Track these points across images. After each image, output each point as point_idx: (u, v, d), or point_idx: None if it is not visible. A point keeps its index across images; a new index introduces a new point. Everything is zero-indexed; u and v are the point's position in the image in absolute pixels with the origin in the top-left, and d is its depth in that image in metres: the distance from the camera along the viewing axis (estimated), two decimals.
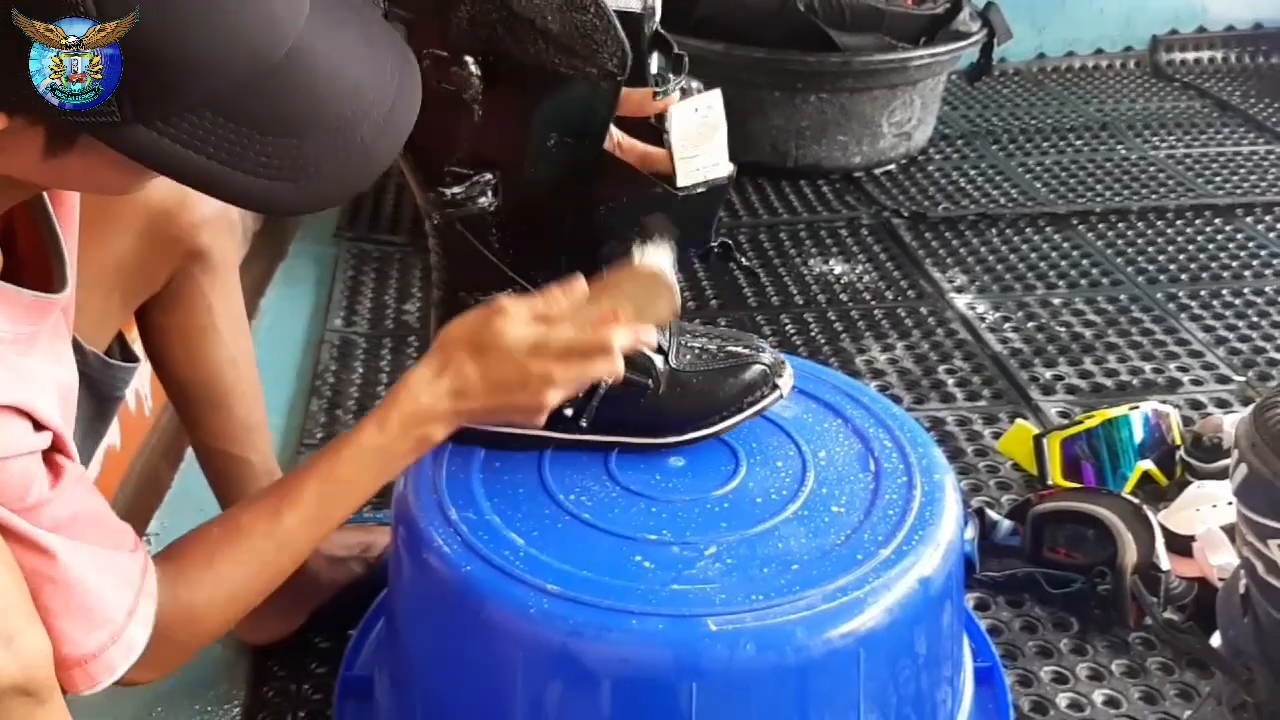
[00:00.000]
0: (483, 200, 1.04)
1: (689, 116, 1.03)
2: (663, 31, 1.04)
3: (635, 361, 1.08)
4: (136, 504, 1.61)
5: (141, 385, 1.73)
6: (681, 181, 1.04)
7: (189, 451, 1.46)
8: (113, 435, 1.63)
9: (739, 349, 1.16)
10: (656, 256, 1.01)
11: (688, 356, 1.14)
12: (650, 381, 1.11)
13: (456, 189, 1.04)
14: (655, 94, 1.03)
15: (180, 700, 1.32)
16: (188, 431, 1.34)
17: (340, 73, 0.75)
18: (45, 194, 0.90)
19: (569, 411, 1.10)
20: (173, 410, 1.34)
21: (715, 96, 1.06)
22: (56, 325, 0.89)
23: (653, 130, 1.06)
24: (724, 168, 1.07)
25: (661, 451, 1.15)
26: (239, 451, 1.31)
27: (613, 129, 1.04)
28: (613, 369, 0.99)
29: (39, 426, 0.80)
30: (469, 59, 0.97)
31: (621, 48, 0.96)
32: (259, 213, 0.75)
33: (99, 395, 1.12)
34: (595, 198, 1.05)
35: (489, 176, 1.04)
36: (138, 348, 1.24)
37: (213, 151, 0.71)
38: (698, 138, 1.04)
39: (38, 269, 0.88)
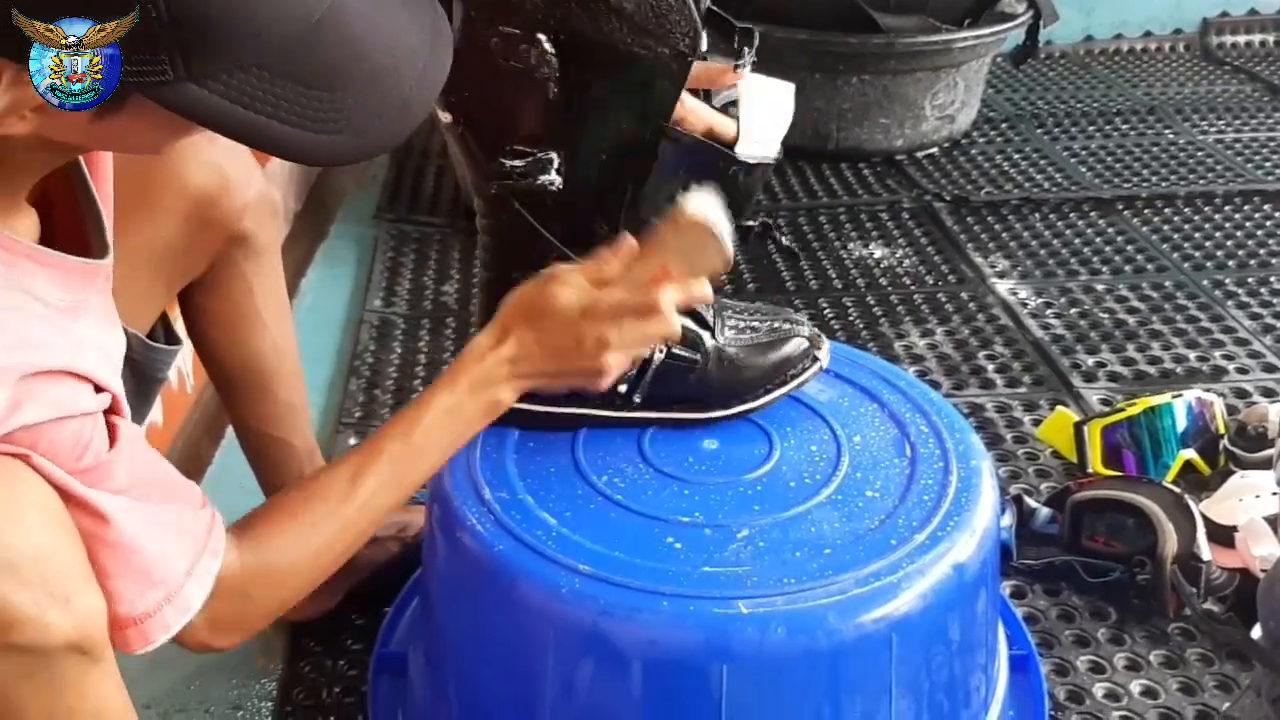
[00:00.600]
0: (544, 178, 1.04)
1: (764, 92, 1.04)
2: (717, 9, 1.04)
3: (684, 337, 1.09)
4: None
5: (184, 363, 1.74)
6: (742, 150, 1.05)
7: (230, 429, 1.48)
8: (155, 412, 1.65)
9: (779, 324, 1.17)
10: (703, 205, 0.99)
11: (731, 332, 1.15)
12: (699, 357, 1.12)
13: (517, 163, 1.04)
14: (735, 66, 1.04)
15: (217, 674, 1.33)
16: (229, 412, 1.35)
17: (377, 27, 0.76)
18: (83, 162, 0.91)
19: (623, 388, 1.11)
20: (214, 388, 1.35)
21: (790, 89, 1.07)
22: (103, 292, 0.90)
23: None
24: (776, 151, 1.08)
25: (696, 433, 1.15)
26: (280, 433, 1.32)
27: (684, 94, 1.04)
28: (668, 329, 0.99)
29: (98, 389, 0.81)
30: (542, 37, 0.97)
31: (694, 27, 0.97)
32: (303, 164, 0.76)
33: (141, 376, 1.13)
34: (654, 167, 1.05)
35: (552, 155, 1.04)
36: (180, 329, 1.25)
37: (259, 106, 0.72)
38: (766, 116, 1.04)
39: (75, 237, 0.89)
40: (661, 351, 1.10)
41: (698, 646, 0.95)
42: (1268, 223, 2.42)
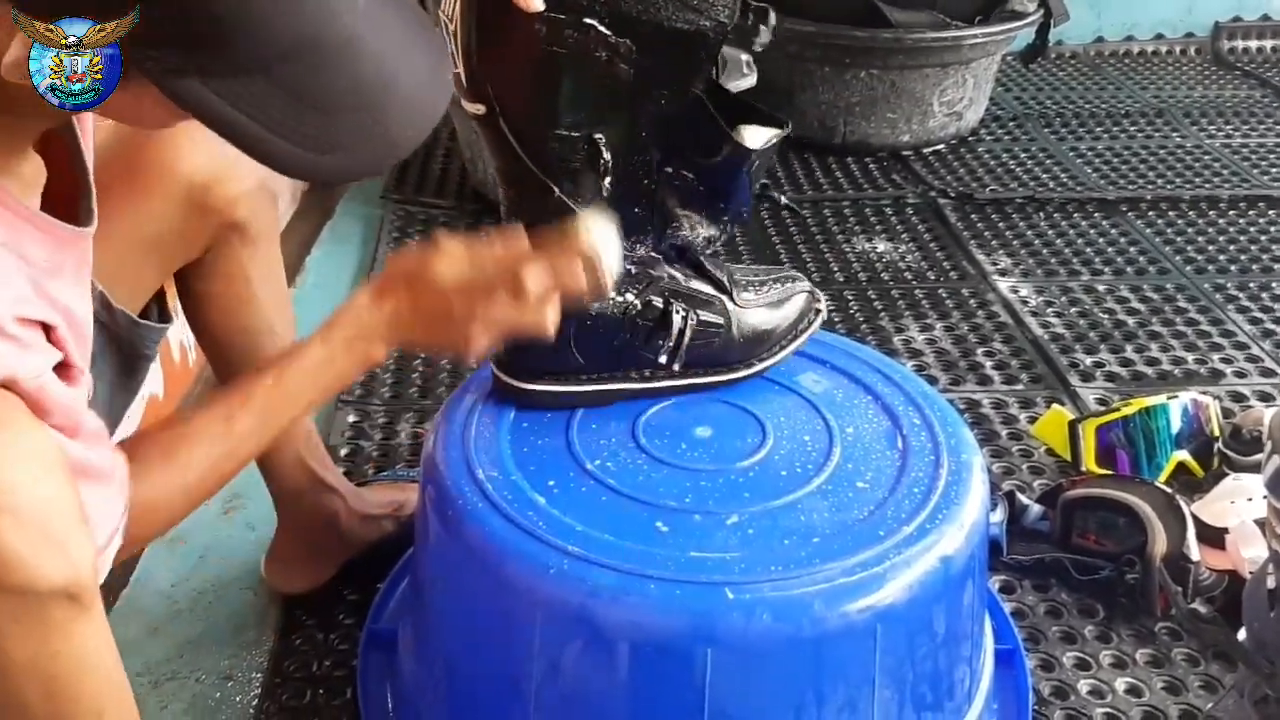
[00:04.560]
0: (594, 156, 1.05)
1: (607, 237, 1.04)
2: None
3: (711, 304, 1.15)
4: None
5: (186, 337, 1.75)
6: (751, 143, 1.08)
7: None
8: (156, 385, 1.66)
9: (783, 281, 1.23)
10: (599, 235, 1.02)
11: (747, 294, 1.18)
12: (723, 320, 1.16)
13: (567, 147, 1.05)
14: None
15: (210, 645, 1.35)
16: None
17: (382, 66, 0.78)
18: (77, 128, 0.92)
19: (663, 358, 1.15)
20: (213, 372, 1.36)
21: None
22: (81, 259, 0.91)
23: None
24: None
25: (690, 420, 1.15)
26: None
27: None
28: (539, 324, 1.02)
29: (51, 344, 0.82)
30: (592, 21, 0.98)
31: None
32: (283, 174, 0.78)
33: (127, 353, 1.13)
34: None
35: (599, 135, 1.05)
36: (177, 309, 1.25)
37: (254, 114, 0.74)
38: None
39: (65, 201, 0.90)
40: (694, 319, 1.14)
41: (683, 630, 0.96)
42: (1271, 228, 2.42)
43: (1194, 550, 1.37)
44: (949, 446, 1.13)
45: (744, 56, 1.08)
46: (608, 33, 0.98)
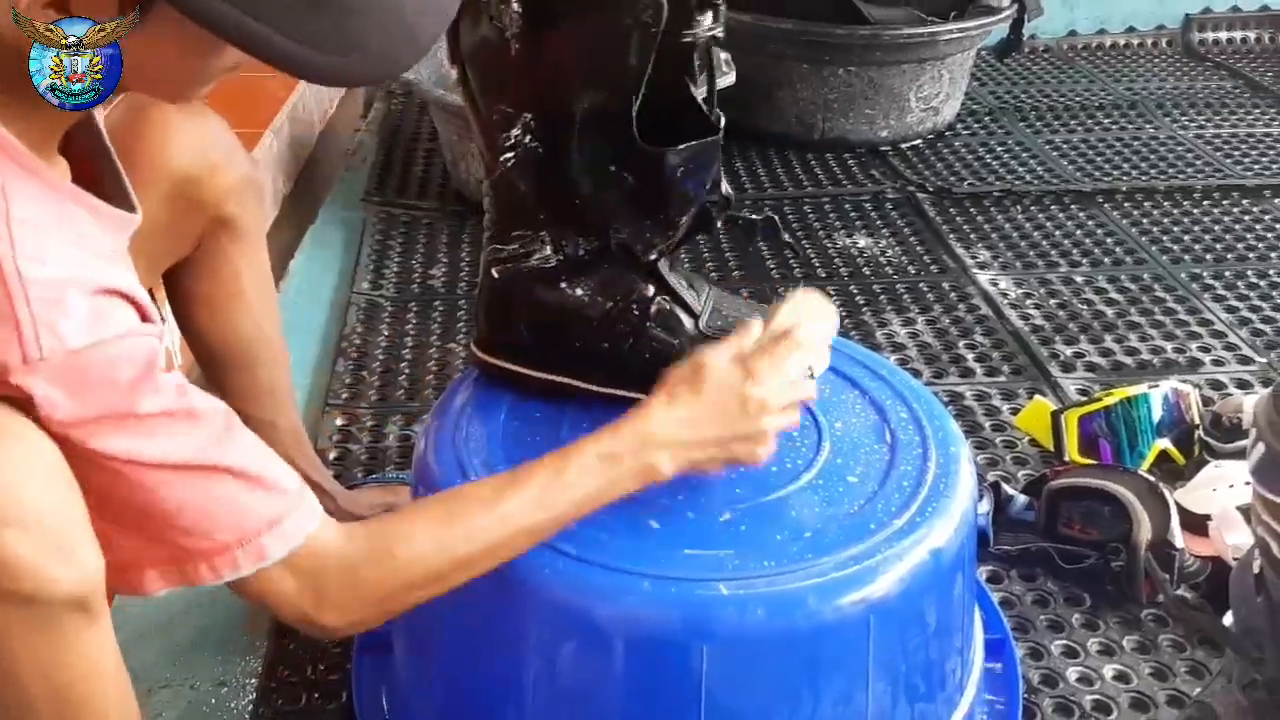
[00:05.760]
0: (517, 135, 1.05)
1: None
2: None
3: (666, 322, 1.13)
4: None
5: (171, 342, 1.74)
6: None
7: None
8: None
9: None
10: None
11: (718, 323, 1.17)
12: (677, 342, 1.14)
13: (506, 134, 1.05)
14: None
15: (203, 649, 1.34)
16: (213, 393, 1.36)
17: None
18: (100, 125, 0.91)
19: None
20: (200, 369, 1.36)
21: None
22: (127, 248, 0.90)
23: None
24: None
25: None
26: (264, 415, 1.33)
27: None
28: (809, 390, 1.04)
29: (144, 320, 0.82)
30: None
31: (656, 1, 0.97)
32: (306, 80, 0.77)
33: None
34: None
35: (528, 116, 1.05)
36: (166, 310, 1.25)
37: (269, 19, 0.72)
38: None
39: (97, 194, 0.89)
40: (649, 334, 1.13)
41: (678, 627, 0.97)
42: (1245, 217, 2.45)
43: (1178, 537, 1.39)
44: (936, 440, 1.14)
45: (723, 55, 1.09)
46: (518, 10, 0.99)
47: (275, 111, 2.47)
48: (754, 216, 1.25)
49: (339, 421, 1.76)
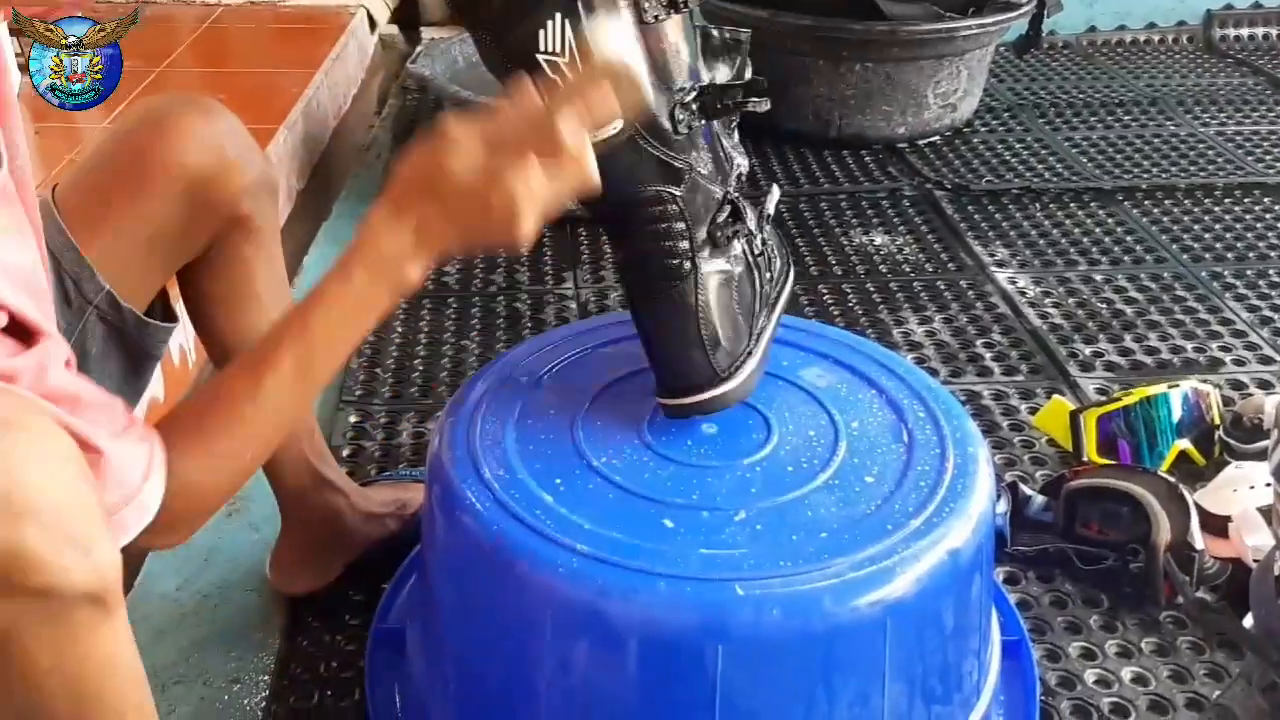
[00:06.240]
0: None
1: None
2: None
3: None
4: None
5: (185, 339, 1.75)
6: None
7: None
8: (157, 388, 1.66)
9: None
10: (611, 36, 0.88)
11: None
12: None
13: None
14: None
15: (216, 647, 1.34)
16: None
17: None
18: None
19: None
20: (214, 369, 1.35)
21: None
22: (9, 204, 0.84)
23: None
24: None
25: (696, 418, 1.15)
26: None
27: None
28: (582, 173, 0.90)
29: None
30: None
31: None
32: None
33: (135, 354, 1.13)
34: None
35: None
36: (180, 308, 1.25)
37: None
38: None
39: None
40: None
41: (694, 627, 0.96)
42: (1267, 215, 2.43)
43: (1198, 539, 1.37)
44: (954, 439, 1.13)
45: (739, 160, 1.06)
46: None
47: (289, 107, 2.47)
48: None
49: (353, 418, 1.75)
